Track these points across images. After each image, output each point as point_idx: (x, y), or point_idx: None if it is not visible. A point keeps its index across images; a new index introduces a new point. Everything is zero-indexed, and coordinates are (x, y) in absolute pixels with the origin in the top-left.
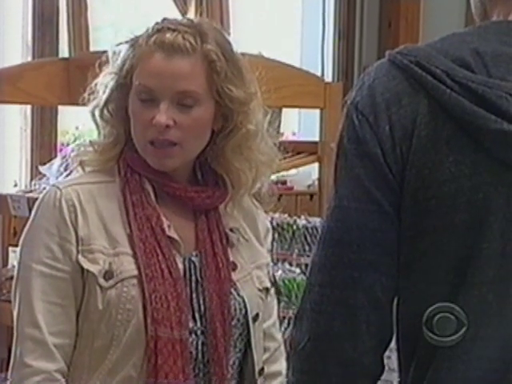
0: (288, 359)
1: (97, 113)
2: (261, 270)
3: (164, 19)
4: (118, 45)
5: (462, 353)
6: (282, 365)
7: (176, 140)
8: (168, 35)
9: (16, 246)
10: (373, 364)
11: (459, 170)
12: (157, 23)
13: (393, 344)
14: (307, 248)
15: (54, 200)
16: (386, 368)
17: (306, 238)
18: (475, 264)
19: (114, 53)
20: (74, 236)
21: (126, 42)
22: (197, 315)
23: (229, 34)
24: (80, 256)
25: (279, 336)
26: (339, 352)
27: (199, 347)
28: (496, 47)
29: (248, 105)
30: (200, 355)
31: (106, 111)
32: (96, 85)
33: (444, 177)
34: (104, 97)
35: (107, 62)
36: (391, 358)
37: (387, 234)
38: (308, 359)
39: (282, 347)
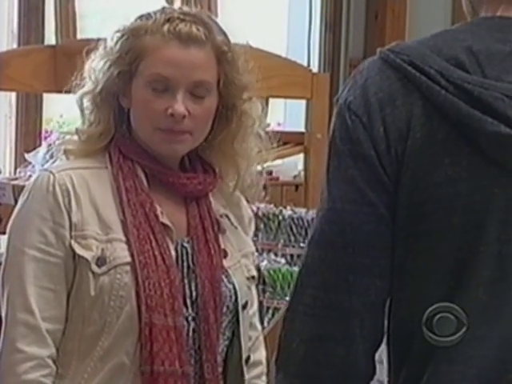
0: (277, 360)
1: (87, 98)
2: (247, 259)
3: (163, 8)
4: (116, 31)
5: (460, 353)
6: (261, 354)
7: (189, 129)
8: (182, 25)
9: (1, 233)
10: (365, 366)
11: (455, 172)
12: (160, 12)
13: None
14: (292, 238)
15: (48, 184)
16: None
17: (291, 229)
18: (471, 266)
19: (111, 40)
20: (67, 221)
21: (122, 31)
22: (188, 302)
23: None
24: (73, 241)
25: (259, 325)
26: (332, 356)
27: (190, 334)
28: (489, 45)
29: (249, 95)
30: (191, 342)
31: (99, 97)
32: (84, 72)
33: (440, 179)
34: (101, 82)
35: (95, 49)
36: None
37: (382, 237)
38: (301, 363)
39: (261, 337)
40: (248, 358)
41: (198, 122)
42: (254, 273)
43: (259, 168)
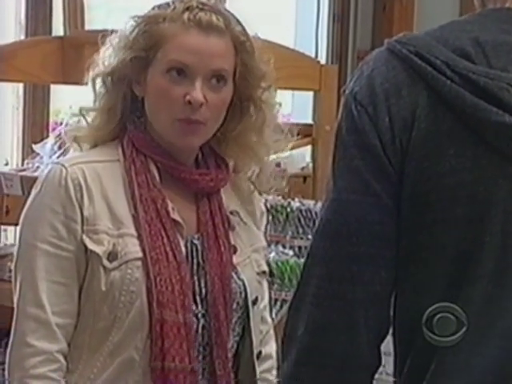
0: (282, 350)
1: (99, 80)
2: (258, 254)
3: None
4: (132, 19)
5: (465, 343)
6: (272, 348)
7: (203, 120)
8: (202, 14)
9: (7, 224)
10: (370, 357)
11: (460, 162)
12: (178, 1)
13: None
14: (301, 230)
15: (60, 178)
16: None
17: (299, 221)
18: (476, 257)
19: (126, 27)
20: (79, 215)
21: (139, 18)
22: (198, 298)
23: None
24: (85, 236)
25: (269, 319)
26: (336, 346)
27: (199, 330)
28: (496, 36)
29: (268, 86)
30: (200, 338)
31: (109, 79)
32: (98, 57)
33: (444, 169)
34: (113, 65)
35: (108, 37)
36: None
37: (387, 227)
38: (305, 352)
39: (272, 330)
40: (259, 353)
41: (214, 111)
42: (265, 267)
43: (275, 159)
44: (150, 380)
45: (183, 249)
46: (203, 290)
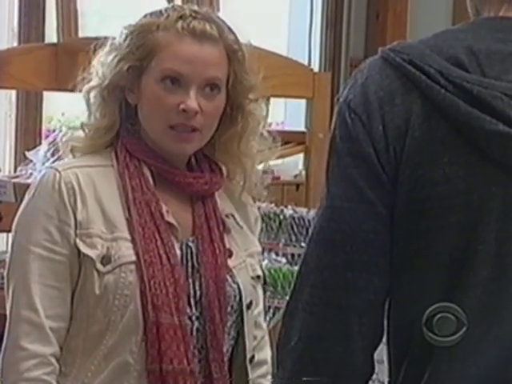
0: (277, 357)
1: (93, 93)
2: (253, 258)
3: (173, 6)
4: (125, 28)
5: (460, 352)
6: (267, 353)
7: (199, 126)
8: (195, 22)
9: (0, 231)
10: (364, 364)
11: (454, 170)
12: (171, 9)
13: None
14: (294, 238)
15: (53, 182)
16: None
17: (292, 228)
18: (470, 265)
19: (120, 36)
20: (72, 219)
21: (132, 27)
22: (192, 301)
23: None
24: (78, 240)
25: (265, 325)
26: (330, 353)
27: (194, 333)
28: (490, 44)
29: (256, 96)
30: (195, 341)
31: (106, 91)
32: (91, 68)
33: (438, 177)
34: (108, 77)
35: (101, 46)
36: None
37: (380, 235)
38: (299, 360)
39: (267, 336)
40: (252, 357)
41: (208, 119)
42: (260, 272)
43: (263, 167)
44: (146, 383)
45: (178, 251)
46: (198, 293)
